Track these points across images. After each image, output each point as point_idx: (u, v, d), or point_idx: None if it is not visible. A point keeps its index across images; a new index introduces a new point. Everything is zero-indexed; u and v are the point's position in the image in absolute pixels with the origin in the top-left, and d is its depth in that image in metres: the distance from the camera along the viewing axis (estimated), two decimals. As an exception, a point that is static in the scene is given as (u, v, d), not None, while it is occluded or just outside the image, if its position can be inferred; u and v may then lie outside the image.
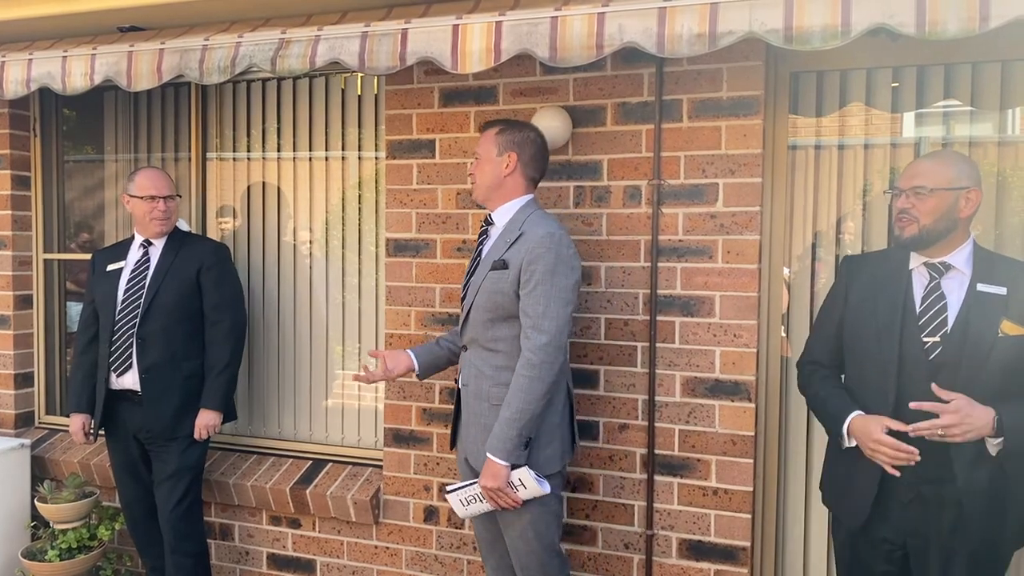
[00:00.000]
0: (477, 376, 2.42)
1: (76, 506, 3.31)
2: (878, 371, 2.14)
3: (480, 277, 2.41)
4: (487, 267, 2.39)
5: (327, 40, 2.58)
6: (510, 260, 2.33)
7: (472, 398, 2.44)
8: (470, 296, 2.44)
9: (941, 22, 1.97)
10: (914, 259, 2.19)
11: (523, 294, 2.30)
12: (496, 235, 2.45)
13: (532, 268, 2.28)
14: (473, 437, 2.43)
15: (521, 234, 2.35)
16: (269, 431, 3.52)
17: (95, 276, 3.21)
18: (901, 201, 2.13)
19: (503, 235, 2.41)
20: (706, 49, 2.18)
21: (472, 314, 2.42)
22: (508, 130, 2.45)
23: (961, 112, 2.62)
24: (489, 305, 2.37)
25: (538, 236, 2.29)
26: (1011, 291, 2.06)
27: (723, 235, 2.64)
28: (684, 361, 2.70)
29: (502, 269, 2.34)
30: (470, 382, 2.45)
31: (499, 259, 2.36)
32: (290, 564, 3.34)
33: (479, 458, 2.39)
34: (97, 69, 2.90)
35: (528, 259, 2.28)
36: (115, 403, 3.12)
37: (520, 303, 2.31)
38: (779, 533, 2.81)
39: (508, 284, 2.33)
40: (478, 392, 2.42)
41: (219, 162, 3.58)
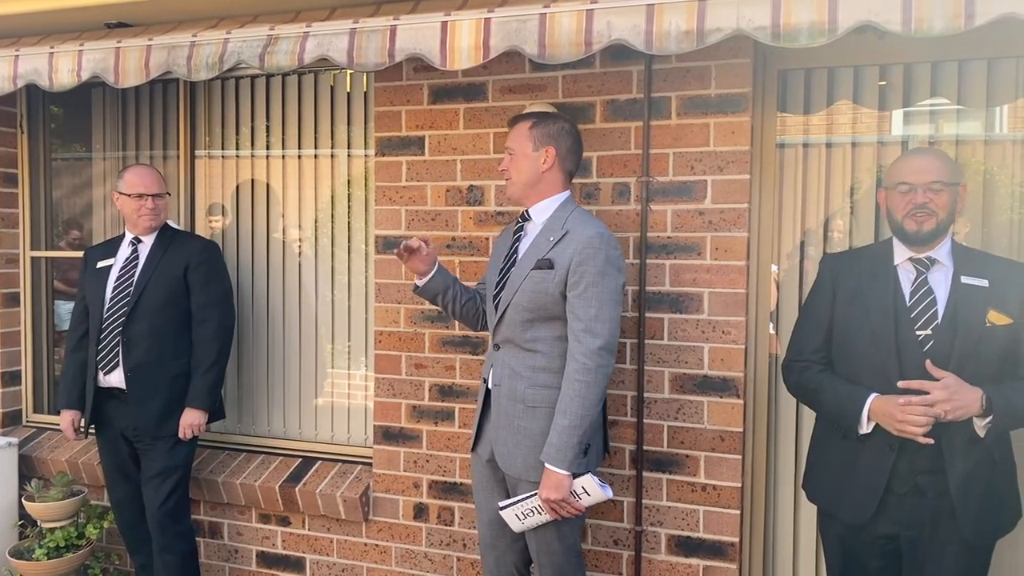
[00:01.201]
0: (512, 377, 2.35)
1: (64, 505, 3.30)
2: (874, 368, 2.14)
3: (520, 275, 2.33)
4: (528, 265, 2.32)
5: (315, 37, 2.58)
6: (556, 260, 2.27)
7: (505, 399, 2.36)
8: (507, 294, 2.36)
9: (927, 19, 1.98)
10: (898, 254, 2.21)
11: (572, 296, 2.24)
12: (535, 232, 2.38)
13: (582, 269, 2.22)
14: (504, 439, 2.36)
15: (566, 233, 2.29)
16: (258, 429, 3.52)
17: (86, 273, 3.20)
18: (918, 196, 2.12)
19: (544, 233, 2.34)
20: (694, 46, 2.18)
21: (509, 313, 2.35)
22: (542, 123, 2.37)
23: (948, 110, 2.64)
24: (530, 305, 2.30)
25: (587, 236, 2.24)
26: (993, 283, 2.11)
27: (711, 232, 2.65)
28: (673, 358, 2.71)
29: (547, 269, 2.28)
30: (503, 382, 2.36)
31: (543, 258, 2.29)
32: (279, 562, 3.33)
33: (510, 461, 2.34)
34: (84, 65, 2.89)
35: (578, 260, 2.23)
36: (104, 401, 3.11)
37: (568, 305, 2.25)
38: (768, 528, 2.82)
39: (554, 284, 2.27)
40: (512, 393, 2.34)
41: (208, 160, 3.57)
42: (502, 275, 2.42)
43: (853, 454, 2.20)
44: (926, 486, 2.11)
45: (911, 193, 2.14)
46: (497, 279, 2.44)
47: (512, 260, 2.42)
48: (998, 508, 2.13)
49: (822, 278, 2.32)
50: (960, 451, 2.07)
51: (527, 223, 2.43)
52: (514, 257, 2.42)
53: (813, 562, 2.80)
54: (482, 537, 2.55)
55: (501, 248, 2.52)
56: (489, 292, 2.48)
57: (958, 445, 2.07)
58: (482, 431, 2.48)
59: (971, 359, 2.06)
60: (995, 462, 2.10)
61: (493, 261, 2.54)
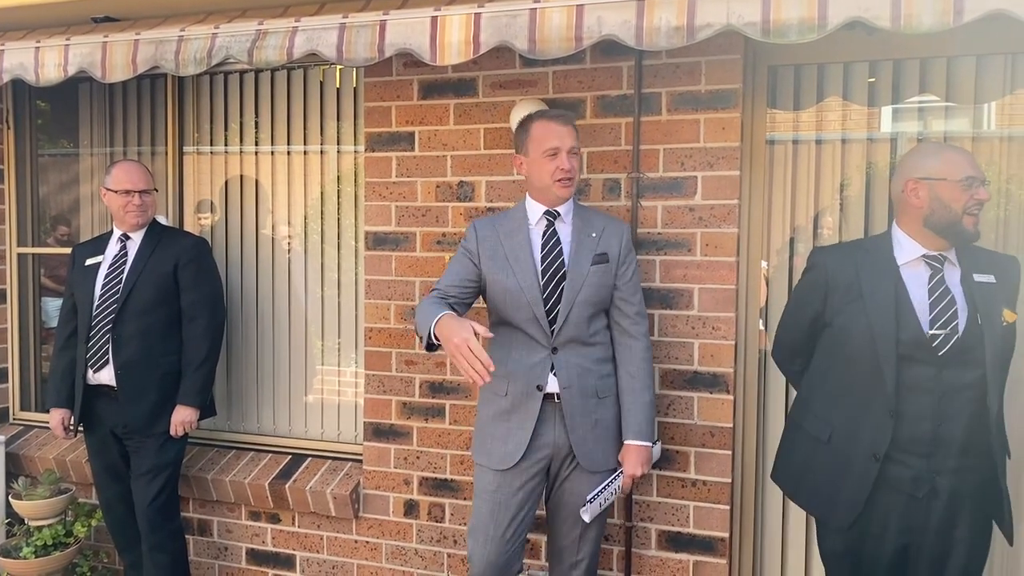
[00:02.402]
0: (581, 374, 2.37)
1: (52, 503, 3.28)
2: (871, 367, 2.09)
3: (581, 273, 2.36)
4: (586, 262, 2.36)
5: (304, 32, 2.56)
6: (609, 253, 2.40)
7: (577, 398, 2.36)
8: (569, 294, 2.35)
9: (916, 15, 1.99)
10: (905, 253, 2.13)
11: (622, 284, 2.42)
12: (569, 229, 2.41)
13: (630, 258, 2.43)
14: (583, 438, 2.37)
15: (605, 226, 2.42)
16: (248, 426, 3.50)
17: (74, 270, 3.17)
18: (982, 192, 2.04)
19: (583, 228, 2.41)
20: (684, 42, 2.19)
21: (575, 312, 2.35)
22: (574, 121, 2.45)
23: (937, 107, 2.65)
24: (595, 299, 2.38)
25: (623, 228, 2.45)
26: (997, 278, 2.10)
27: (702, 228, 2.65)
28: (663, 353, 2.71)
29: (604, 263, 2.39)
30: (573, 382, 2.36)
31: (599, 252, 2.39)
32: (269, 559, 3.32)
33: (592, 457, 2.39)
34: (71, 60, 2.86)
35: (625, 250, 2.43)
36: (93, 398, 3.09)
37: (619, 293, 2.42)
38: (757, 524, 2.83)
39: (611, 276, 2.40)
40: (584, 390, 2.37)
41: (196, 156, 3.55)
42: (548, 277, 2.37)
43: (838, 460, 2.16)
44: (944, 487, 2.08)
45: (975, 188, 2.03)
46: (541, 281, 2.37)
47: (553, 260, 2.38)
48: (1002, 506, 2.12)
49: (816, 272, 2.24)
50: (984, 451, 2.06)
51: (557, 221, 2.42)
52: (558, 257, 2.38)
53: (802, 556, 2.81)
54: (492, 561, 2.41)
55: (517, 249, 2.40)
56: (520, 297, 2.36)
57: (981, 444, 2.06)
58: (535, 441, 2.38)
59: (998, 357, 2.04)
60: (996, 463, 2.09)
61: (498, 263, 2.40)
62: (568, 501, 2.44)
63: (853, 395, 2.15)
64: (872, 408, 2.11)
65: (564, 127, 2.36)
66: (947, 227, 2.07)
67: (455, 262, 2.46)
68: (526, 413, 2.38)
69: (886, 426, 2.08)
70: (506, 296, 2.39)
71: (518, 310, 2.38)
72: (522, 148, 2.41)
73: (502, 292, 2.39)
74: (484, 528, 2.41)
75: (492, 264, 2.40)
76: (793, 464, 2.32)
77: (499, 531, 2.40)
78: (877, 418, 2.10)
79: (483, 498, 2.43)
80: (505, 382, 2.40)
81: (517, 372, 2.39)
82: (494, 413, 2.43)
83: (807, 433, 2.26)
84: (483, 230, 2.45)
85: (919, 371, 2.06)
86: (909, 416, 2.06)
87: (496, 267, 2.39)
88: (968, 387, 2.05)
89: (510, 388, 2.39)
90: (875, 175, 2.69)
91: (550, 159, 2.34)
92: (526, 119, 2.43)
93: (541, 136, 2.35)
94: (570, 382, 2.37)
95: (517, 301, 2.37)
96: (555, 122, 2.36)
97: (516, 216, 2.45)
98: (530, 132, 2.38)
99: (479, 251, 2.42)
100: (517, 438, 2.38)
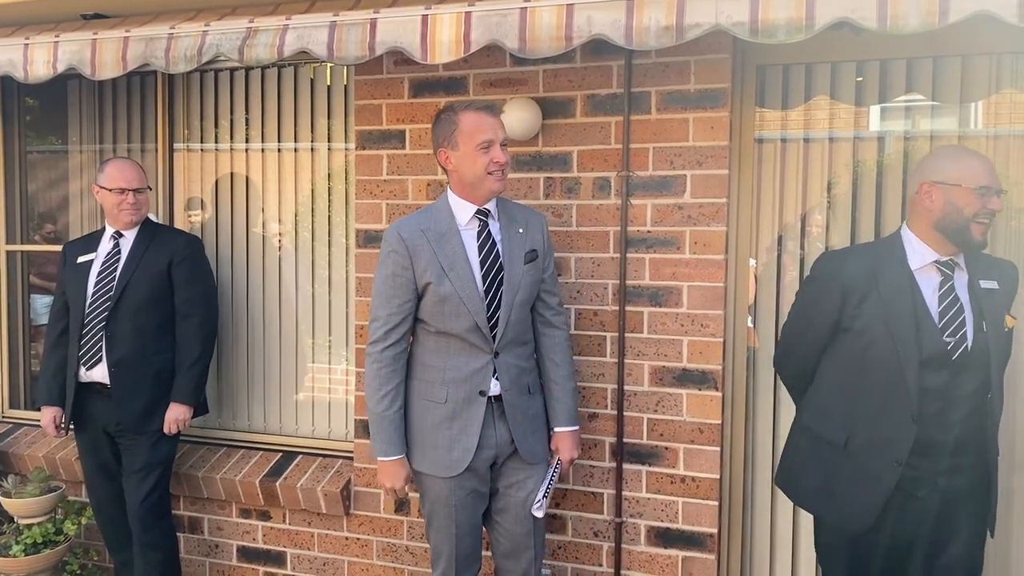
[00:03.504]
0: (519, 375, 2.38)
1: (41, 501, 3.27)
2: (892, 372, 2.08)
3: (516, 273, 2.33)
4: (519, 261, 2.34)
5: (295, 29, 2.57)
6: (537, 248, 2.40)
7: (516, 397, 2.37)
8: (508, 296, 2.30)
9: (902, 16, 2.01)
10: (917, 258, 2.13)
11: (547, 276, 2.46)
12: (498, 227, 2.36)
13: (551, 250, 2.47)
14: (524, 435, 2.39)
15: (527, 219, 2.41)
16: (239, 424, 3.50)
17: (65, 268, 3.16)
18: (995, 202, 2.03)
19: (509, 225, 2.36)
20: (673, 41, 2.20)
21: (515, 313, 2.33)
22: None
23: (923, 106, 2.67)
24: (529, 298, 2.38)
25: (540, 217, 2.47)
26: (999, 284, 2.11)
27: (691, 226, 2.67)
28: (652, 351, 2.73)
29: (534, 260, 2.38)
30: (511, 385, 2.36)
31: (529, 250, 2.37)
32: (260, 556, 3.33)
33: (533, 451, 2.42)
34: (60, 57, 2.85)
35: (547, 242, 2.45)
36: (84, 396, 3.08)
37: (544, 286, 2.45)
38: (745, 519, 2.85)
39: (540, 271, 2.41)
40: (520, 389, 2.39)
41: (187, 153, 3.54)
42: (488, 283, 2.30)
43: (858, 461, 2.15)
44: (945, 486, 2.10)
45: (988, 197, 2.02)
46: (481, 289, 2.29)
47: (492, 265, 2.32)
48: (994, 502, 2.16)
49: (828, 279, 2.19)
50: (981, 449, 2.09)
51: (488, 219, 2.36)
52: (496, 261, 2.32)
53: (790, 552, 2.84)
54: (461, 553, 2.43)
55: (451, 256, 2.28)
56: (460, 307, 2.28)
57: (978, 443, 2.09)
58: (481, 445, 2.35)
59: (1001, 363, 2.07)
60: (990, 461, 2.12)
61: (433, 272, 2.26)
62: (512, 498, 2.42)
63: (872, 399, 2.13)
64: (893, 413, 2.09)
65: (495, 119, 2.29)
66: (955, 232, 2.07)
67: (389, 288, 2.30)
68: (469, 418, 2.33)
69: (909, 431, 2.07)
70: (444, 306, 2.28)
71: (458, 319, 2.29)
72: (448, 141, 2.28)
73: (439, 302, 2.28)
74: (447, 530, 2.39)
75: (427, 273, 2.27)
76: (801, 468, 2.29)
77: (462, 529, 2.40)
78: (899, 423, 2.09)
79: (439, 504, 2.39)
80: (444, 389, 2.33)
81: (457, 379, 2.32)
82: (433, 421, 2.35)
83: (818, 437, 2.24)
84: (410, 237, 2.29)
85: (935, 376, 2.07)
86: (928, 420, 2.08)
87: (432, 275, 2.27)
88: (974, 392, 2.08)
89: (450, 395, 2.33)
90: (862, 174, 2.72)
91: (483, 152, 2.25)
92: (449, 111, 2.30)
93: (472, 128, 2.25)
94: (511, 383, 2.36)
95: (456, 311, 2.28)
96: (486, 113, 2.27)
97: (441, 217, 2.33)
98: (459, 125, 2.26)
99: (412, 261, 2.28)
100: (463, 444, 2.33)
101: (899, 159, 2.67)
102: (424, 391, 2.37)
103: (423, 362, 2.37)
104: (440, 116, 2.33)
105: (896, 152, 2.68)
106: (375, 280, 2.36)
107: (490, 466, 2.42)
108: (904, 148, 2.68)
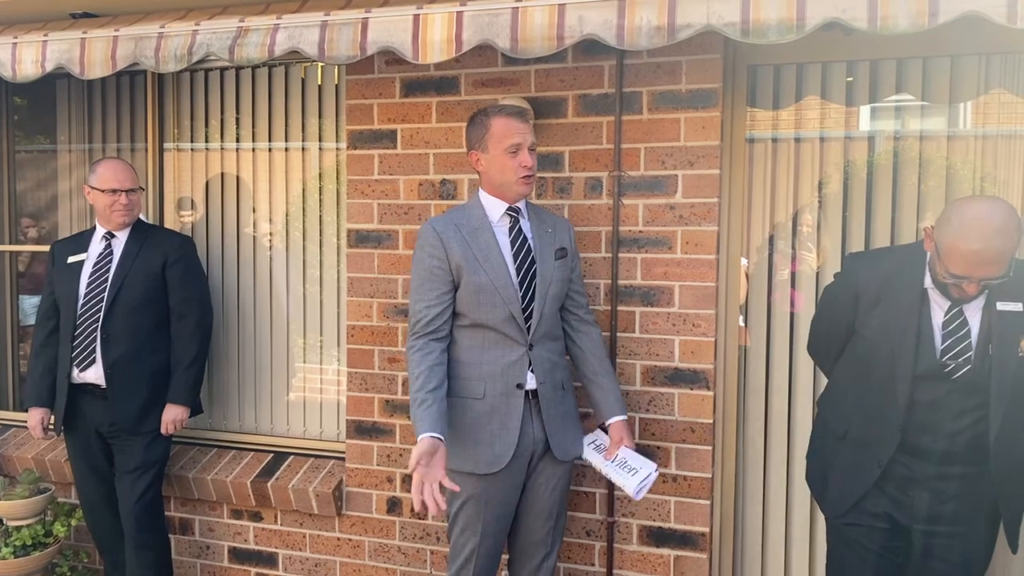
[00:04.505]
0: (552, 368, 2.43)
1: (30, 503, 3.25)
2: (886, 380, 2.12)
3: (549, 269, 2.41)
4: (550, 257, 2.42)
5: (286, 29, 2.56)
6: (567, 247, 2.48)
7: (551, 391, 2.42)
8: (541, 290, 2.38)
9: (892, 16, 2.02)
10: (930, 277, 2.10)
11: (575, 277, 2.53)
12: (528, 225, 2.44)
13: (576, 253, 2.56)
14: (558, 431, 2.43)
15: (555, 222, 2.50)
16: (230, 424, 3.49)
17: (55, 268, 3.13)
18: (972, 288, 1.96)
19: (539, 225, 2.45)
20: (665, 42, 2.20)
21: (548, 307, 2.40)
22: None
23: (913, 106, 2.69)
24: (560, 294, 2.46)
25: (567, 223, 2.56)
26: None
27: (682, 226, 2.67)
28: (644, 350, 2.73)
29: (564, 257, 2.46)
30: (547, 378, 2.40)
31: (559, 247, 2.45)
32: (252, 557, 3.32)
33: (567, 448, 2.46)
34: (49, 56, 2.83)
35: (573, 245, 2.53)
36: (77, 397, 3.05)
37: (573, 286, 2.52)
38: (737, 519, 2.86)
39: (568, 270, 2.49)
40: (555, 383, 2.44)
41: (176, 153, 3.52)
42: (521, 275, 2.37)
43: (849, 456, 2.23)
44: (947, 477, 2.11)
45: (960, 281, 1.97)
46: (515, 280, 2.36)
47: (524, 257, 2.39)
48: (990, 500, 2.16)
49: (847, 280, 2.24)
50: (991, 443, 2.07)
51: (520, 216, 2.43)
52: (529, 254, 2.40)
53: (782, 551, 2.85)
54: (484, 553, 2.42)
55: (485, 248, 2.35)
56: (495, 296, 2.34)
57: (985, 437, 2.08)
58: (520, 441, 2.37)
59: (1007, 385, 2.03)
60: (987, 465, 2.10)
61: (469, 263, 2.33)
62: (540, 495, 2.46)
63: (870, 400, 2.19)
64: (883, 418, 2.15)
65: (524, 124, 2.37)
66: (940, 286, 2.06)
67: (427, 281, 2.36)
68: (509, 413, 2.37)
69: (893, 438, 2.13)
70: (480, 296, 2.34)
71: (493, 309, 2.34)
72: (479, 144, 2.37)
73: (475, 292, 2.34)
74: (473, 528, 2.40)
75: (464, 264, 2.33)
76: (812, 449, 2.43)
77: (489, 528, 2.41)
78: (886, 428, 2.14)
79: (470, 502, 2.38)
80: (481, 384, 2.37)
81: (494, 373, 2.37)
82: (473, 417, 2.37)
83: (826, 423, 2.35)
84: (445, 231, 2.36)
85: (930, 389, 2.09)
86: (914, 428, 2.10)
87: (468, 267, 2.33)
88: (972, 409, 2.07)
89: (487, 390, 2.37)
90: (853, 173, 2.73)
91: (511, 156, 2.33)
92: (482, 115, 2.39)
93: (502, 133, 2.33)
94: (545, 377, 2.40)
95: (492, 300, 2.34)
96: (515, 119, 2.35)
97: (475, 214, 2.40)
98: (490, 128, 2.35)
99: (447, 254, 2.34)
100: (504, 439, 2.36)
101: (889, 159, 2.69)
102: (461, 388, 2.39)
103: (458, 359, 2.40)
104: (473, 119, 2.42)
105: (886, 152, 2.70)
106: (412, 277, 2.42)
107: (527, 465, 2.43)
108: (894, 148, 2.69)
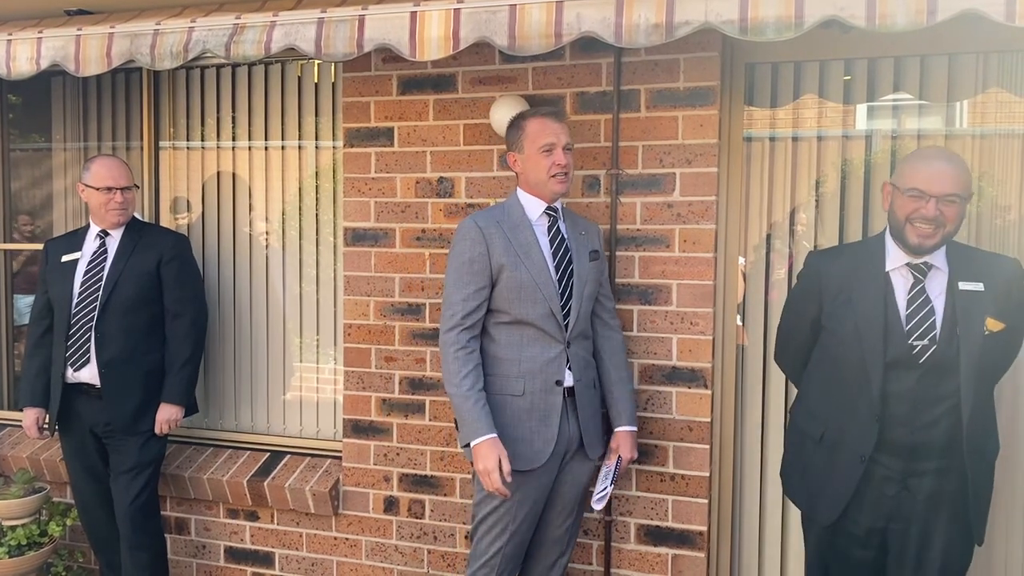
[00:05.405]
0: (586, 367, 2.48)
1: (25, 502, 3.23)
2: (858, 372, 2.11)
3: (584, 268, 2.45)
4: (585, 258, 2.45)
5: (282, 26, 2.55)
6: (597, 249, 2.52)
7: (585, 389, 2.46)
8: (578, 289, 2.42)
9: (890, 15, 2.01)
10: (892, 259, 2.14)
11: (604, 280, 2.57)
12: (565, 227, 2.47)
13: (604, 257, 2.58)
14: (587, 426, 2.46)
15: (586, 225, 2.53)
16: (226, 423, 3.48)
17: (48, 267, 3.11)
18: (929, 209, 2.00)
19: (573, 227, 2.49)
20: (663, 39, 2.20)
21: (583, 306, 2.45)
22: None
23: (910, 105, 2.69)
24: (593, 294, 2.49)
25: (597, 227, 2.60)
26: (987, 286, 2.07)
27: (680, 224, 2.67)
28: (642, 349, 2.73)
29: (597, 259, 2.51)
30: (582, 375, 2.45)
31: (592, 249, 2.49)
32: (248, 557, 3.31)
33: (595, 446, 2.50)
34: (43, 53, 2.82)
35: (603, 248, 2.57)
36: (71, 397, 3.04)
37: (602, 289, 2.55)
38: (735, 517, 2.86)
39: (599, 272, 2.52)
40: (588, 381, 2.48)
41: (172, 151, 3.51)
42: (560, 272, 2.41)
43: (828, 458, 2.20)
44: (916, 486, 2.11)
45: (921, 201, 2.01)
46: (555, 277, 2.40)
47: (563, 256, 2.43)
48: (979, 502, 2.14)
49: (809, 278, 2.26)
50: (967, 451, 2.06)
51: (557, 218, 2.47)
52: (567, 253, 2.44)
53: (779, 550, 2.85)
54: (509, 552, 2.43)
55: (526, 244, 2.38)
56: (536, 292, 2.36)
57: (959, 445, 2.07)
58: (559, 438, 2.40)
59: (975, 368, 2.03)
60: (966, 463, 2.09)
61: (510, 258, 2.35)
62: (565, 492, 2.49)
63: (843, 396, 2.17)
64: (859, 411, 2.13)
65: (559, 124, 2.42)
66: (895, 232, 2.10)
67: (467, 275, 2.36)
68: (548, 409, 2.40)
69: (872, 430, 2.11)
70: (521, 291, 2.36)
71: (535, 305, 2.37)
72: (516, 145, 2.43)
73: (516, 287, 2.36)
74: (503, 526, 2.41)
75: (505, 259, 2.36)
76: (789, 459, 2.38)
77: (519, 526, 2.42)
78: (863, 422, 2.12)
79: (504, 502, 2.38)
80: (521, 381, 2.38)
81: (533, 370, 2.39)
82: (513, 414, 2.38)
83: (802, 430, 2.30)
84: (487, 225, 2.39)
85: (901, 378, 2.08)
86: (889, 420, 2.09)
87: (509, 262, 2.36)
88: (944, 396, 2.07)
89: (527, 386, 2.39)
90: (850, 172, 2.73)
91: (546, 155, 2.38)
92: (519, 117, 2.46)
93: (536, 133, 2.39)
94: (580, 375, 2.45)
95: (533, 296, 2.37)
96: (549, 119, 2.41)
97: (514, 211, 2.44)
98: (525, 129, 2.41)
99: (488, 249, 2.36)
100: (544, 435, 2.39)
101: (886, 157, 2.69)
102: (500, 386, 2.39)
103: (496, 356, 2.41)
104: (512, 122, 2.48)
105: (883, 151, 2.70)
106: (448, 270, 2.42)
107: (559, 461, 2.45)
108: (891, 147, 2.69)
